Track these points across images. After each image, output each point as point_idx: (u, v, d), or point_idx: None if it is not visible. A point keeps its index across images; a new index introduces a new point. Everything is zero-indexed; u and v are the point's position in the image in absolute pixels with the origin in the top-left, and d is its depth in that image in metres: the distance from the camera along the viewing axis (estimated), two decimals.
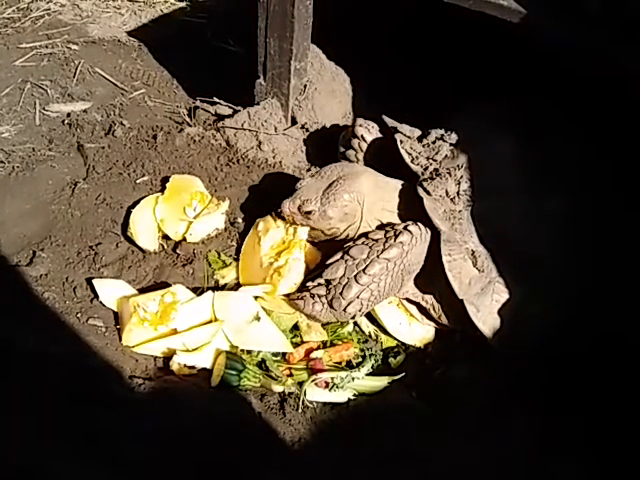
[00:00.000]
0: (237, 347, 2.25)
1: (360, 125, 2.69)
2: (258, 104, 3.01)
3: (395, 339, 2.45)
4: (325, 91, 3.13)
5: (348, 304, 2.20)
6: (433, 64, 3.09)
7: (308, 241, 2.47)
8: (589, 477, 1.96)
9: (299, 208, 2.36)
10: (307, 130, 3.08)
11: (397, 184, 2.45)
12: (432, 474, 1.96)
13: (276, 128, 2.99)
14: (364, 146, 2.70)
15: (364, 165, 2.66)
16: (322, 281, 2.26)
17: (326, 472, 1.95)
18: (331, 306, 2.22)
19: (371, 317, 2.46)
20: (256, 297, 2.36)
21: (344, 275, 2.21)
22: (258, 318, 2.27)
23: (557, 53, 2.47)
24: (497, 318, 2.23)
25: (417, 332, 2.45)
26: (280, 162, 2.97)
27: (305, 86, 3.06)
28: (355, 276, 2.19)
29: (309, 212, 2.35)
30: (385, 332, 2.45)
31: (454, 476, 1.96)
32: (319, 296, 2.25)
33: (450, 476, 1.96)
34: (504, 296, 2.24)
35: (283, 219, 2.45)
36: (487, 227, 2.29)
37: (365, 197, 2.36)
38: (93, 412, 1.90)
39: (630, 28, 2.19)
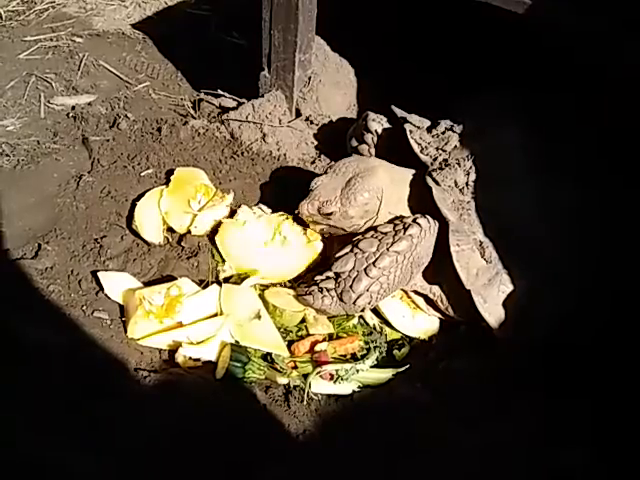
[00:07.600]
0: None
1: (373, 120, 2.66)
2: (262, 96, 3.01)
3: (399, 332, 2.45)
4: (329, 83, 3.12)
5: (358, 297, 2.19)
6: (438, 55, 3.06)
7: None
8: (593, 465, 1.95)
9: (319, 210, 2.34)
10: (311, 122, 3.07)
11: (410, 175, 2.44)
12: (437, 465, 1.95)
13: (280, 120, 2.98)
14: (377, 140, 2.68)
15: (375, 156, 2.64)
16: (331, 274, 2.25)
17: (331, 464, 1.95)
18: (341, 299, 2.21)
19: (375, 310, 2.45)
20: (264, 289, 2.38)
21: (354, 268, 2.20)
22: (259, 317, 2.27)
23: (562, 44, 2.45)
24: (503, 309, 2.22)
25: (421, 324, 2.45)
26: (284, 154, 2.96)
27: (309, 78, 3.05)
28: (365, 269, 2.18)
29: (329, 213, 2.34)
30: (389, 325, 2.44)
31: (459, 467, 1.96)
32: (328, 290, 2.24)
33: (455, 467, 1.96)
34: (510, 287, 2.23)
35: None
36: (495, 218, 2.27)
37: (383, 192, 2.34)
38: (98, 404, 1.90)
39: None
